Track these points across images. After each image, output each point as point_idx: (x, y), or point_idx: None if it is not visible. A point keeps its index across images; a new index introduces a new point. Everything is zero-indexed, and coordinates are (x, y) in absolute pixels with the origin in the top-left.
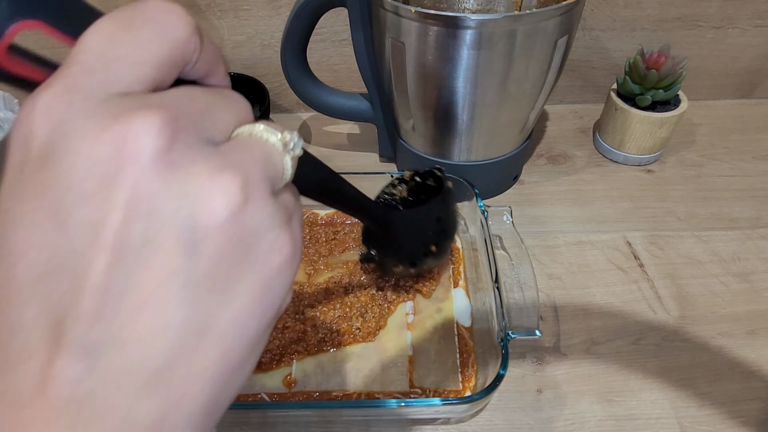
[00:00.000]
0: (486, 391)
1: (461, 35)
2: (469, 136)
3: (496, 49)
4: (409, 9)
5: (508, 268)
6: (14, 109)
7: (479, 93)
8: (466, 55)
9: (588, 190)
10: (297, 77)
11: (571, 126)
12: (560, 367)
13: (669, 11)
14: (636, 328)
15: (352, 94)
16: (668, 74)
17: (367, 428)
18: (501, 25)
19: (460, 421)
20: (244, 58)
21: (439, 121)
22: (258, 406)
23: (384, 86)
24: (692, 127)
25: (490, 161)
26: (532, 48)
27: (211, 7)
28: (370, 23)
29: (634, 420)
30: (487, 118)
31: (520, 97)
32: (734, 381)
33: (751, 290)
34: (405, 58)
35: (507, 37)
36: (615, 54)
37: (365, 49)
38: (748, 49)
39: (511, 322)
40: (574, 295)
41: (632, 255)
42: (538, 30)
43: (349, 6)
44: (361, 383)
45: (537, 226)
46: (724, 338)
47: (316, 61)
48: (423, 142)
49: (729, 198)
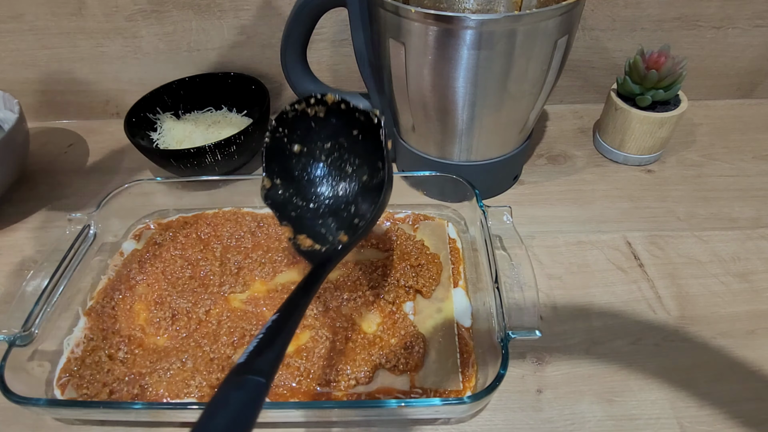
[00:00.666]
0: (486, 391)
1: (461, 35)
2: (469, 136)
3: (496, 49)
4: (409, 9)
5: (508, 268)
6: (14, 109)
7: (479, 93)
8: (466, 55)
9: (588, 190)
10: (297, 77)
11: (571, 126)
12: (560, 367)
13: (669, 11)
14: (636, 328)
15: (352, 94)
16: (668, 74)
17: (368, 428)
18: (501, 25)
19: (461, 421)
20: (244, 58)
21: (438, 121)
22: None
23: (384, 86)
24: (692, 127)
25: (490, 161)
26: (532, 48)
27: (211, 7)
28: (370, 23)
29: (634, 420)
30: (487, 118)
31: (520, 97)
32: (734, 381)
33: (751, 290)
34: (405, 58)
35: (507, 37)
36: (615, 54)
37: (365, 49)
38: (748, 49)
39: (511, 322)
40: (574, 295)
41: (632, 255)
42: (538, 30)
43: (349, 6)
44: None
45: (537, 226)
46: (724, 338)
47: (316, 61)
48: (423, 142)
49: (729, 198)
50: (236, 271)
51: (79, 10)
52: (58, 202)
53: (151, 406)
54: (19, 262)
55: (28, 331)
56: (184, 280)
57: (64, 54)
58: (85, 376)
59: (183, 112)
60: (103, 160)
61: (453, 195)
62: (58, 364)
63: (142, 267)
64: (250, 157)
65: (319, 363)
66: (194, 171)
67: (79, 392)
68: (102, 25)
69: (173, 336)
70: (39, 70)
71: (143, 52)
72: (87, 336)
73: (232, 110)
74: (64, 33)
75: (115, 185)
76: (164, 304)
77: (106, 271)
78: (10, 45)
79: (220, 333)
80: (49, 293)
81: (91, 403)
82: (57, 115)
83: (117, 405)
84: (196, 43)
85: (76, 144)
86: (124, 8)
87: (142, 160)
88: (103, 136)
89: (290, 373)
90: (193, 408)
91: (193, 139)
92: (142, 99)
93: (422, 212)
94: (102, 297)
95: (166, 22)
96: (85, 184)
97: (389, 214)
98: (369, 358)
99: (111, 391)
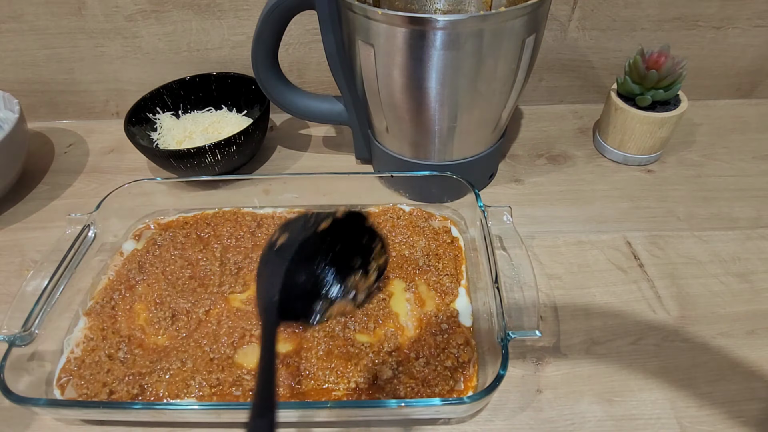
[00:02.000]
0: (486, 391)
1: (429, 36)
2: (442, 136)
3: (464, 49)
4: (376, 11)
5: (508, 268)
6: (14, 109)
7: (449, 93)
8: (435, 55)
9: (588, 190)
10: (269, 81)
11: (571, 126)
12: (560, 367)
13: (669, 11)
14: (636, 328)
15: (326, 97)
16: (668, 74)
17: (368, 428)
18: (468, 26)
19: (461, 421)
20: (244, 58)
21: (411, 123)
22: None
23: (356, 88)
24: (692, 127)
25: (465, 160)
26: (500, 47)
27: (211, 7)
28: (340, 25)
29: (634, 420)
30: (458, 117)
31: (491, 96)
32: (734, 381)
33: (751, 290)
34: (375, 59)
35: (474, 37)
36: (615, 54)
37: (336, 51)
38: (748, 49)
39: (511, 322)
40: (574, 295)
41: (632, 255)
42: (505, 30)
43: (318, 8)
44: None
45: (537, 226)
46: (724, 338)
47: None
48: (397, 143)
49: (729, 198)
50: (236, 271)
51: (79, 10)
52: (58, 201)
53: (151, 406)
54: (19, 262)
55: (28, 331)
56: (184, 280)
57: (64, 54)
58: (85, 376)
59: (183, 112)
60: (103, 160)
61: (451, 194)
62: (58, 364)
63: (141, 267)
64: (249, 157)
65: (319, 364)
66: (194, 171)
67: (78, 392)
68: (102, 25)
69: (173, 336)
70: (39, 70)
71: (143, 52)
72: (87, 336)
73: (232, 110)
74: (64, 33)
75: (115, 185)
76: (164, 304)
77: (106, 271)
78: (10, 45)
79: (220, 333)
80: (49, 293)
81: (91, 403)
82: (57, 115)
83: (117, 405)
84: (196, 43)
85: (76, 144)
86: (124, 8)
87: (143, 160)
88: (103, 136)
89: (290, 373)
90: (193, 408)
91: (193, 139)
92: (142, 99)
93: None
94: (102, 297)
95: (166, 22)
96: (85, 184)
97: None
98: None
99: (111, 391)
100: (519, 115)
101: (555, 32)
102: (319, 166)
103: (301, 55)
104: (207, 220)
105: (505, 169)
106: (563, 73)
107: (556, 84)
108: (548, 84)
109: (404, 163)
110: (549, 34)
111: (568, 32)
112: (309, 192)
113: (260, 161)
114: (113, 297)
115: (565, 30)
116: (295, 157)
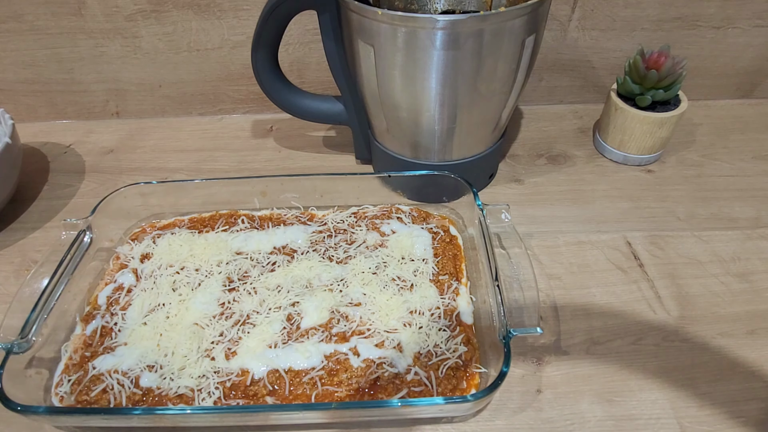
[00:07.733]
0: (490, 388)
1: (428, 36)
2: (442, 136)
3: (464, 49)
4: (376, 11)
5: (507, 266)
6: (7, 123)
7: (449, 93)
8: (435, 56)
9: (588, 190)
10: (269, 81)
11: (571, 126)
12: (560, 367)
13: (669, 11)
14: (636, 328)
15: (326, 97)
16: (668, 74)
17: (368, 429)
18: (467, 26)
19: (461, 421)
20: (244, 58)
21: (411, 123)
22: (260, 409)
23: (357, 89)
24: (692, 127)
25: (465, 160)
26: (500, 48)
27: (211, 7)
28: (340, 26)
29: (634, 420)
30: (458, 118)
31: (491, 96)
32: (734, 381)
33: (751, 290)
34: (374, 60)
35: (474, 38)
36: (615, 54)
37: (336, 51)
38: (748, 49)
39: (512, 320)
40: (574, 295)
41: (632, 255)
42: (505, 30)
43: (319, 9)
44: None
45: (537, 226)
46: (724, 338)
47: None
48: (397, 143)
49: (729, 198)
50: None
51: (79, 10)
52: (58, 202)
53: (151, 412)
54: (19, 262)
55: (26, 339)
56: (182, 283)
57: (64, 54)
58: (84, 383)
59: None
60: (102, 160)
61: (450, 194)
62: (56, 371)
63: (138, 271)
64: None
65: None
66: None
67: (78, 399)
68: (102, 25)
69: (172, 339)
70: (39, 70)
71: (143, 52)
72: (85, 342)
73: None
74: (64, 33)
75: (114, 185)
76: (162, 308)
77: (103, 275)
78: (10, 45)
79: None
80: (45, 300)
81: (90, 410)
82: (57, 115)
83: (117, 411)
84: (196, 43)
85: (75, 144)
86: (124, 8)
87: (143, 159)
88: (103, 136)
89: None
90: (194, 413)
91: None
92: None
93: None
94: (99, 302)
95: (166, 22)
96: (84, 184)
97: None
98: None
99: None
100: (519, 115)
101: (555, 32)
102: (319, 166)
103: (301, 55)
104: (204, 222)
105: (505, 169)
106: (563, 73)
107: (556, 84)
108: (548, 84)
109: (404, 163)
110: (549, 34)
111: (568, 32)
112: (307, 192)
113: (260, 161)
114: (110, 302)
115: (565, 30)
116: (294, 157)
